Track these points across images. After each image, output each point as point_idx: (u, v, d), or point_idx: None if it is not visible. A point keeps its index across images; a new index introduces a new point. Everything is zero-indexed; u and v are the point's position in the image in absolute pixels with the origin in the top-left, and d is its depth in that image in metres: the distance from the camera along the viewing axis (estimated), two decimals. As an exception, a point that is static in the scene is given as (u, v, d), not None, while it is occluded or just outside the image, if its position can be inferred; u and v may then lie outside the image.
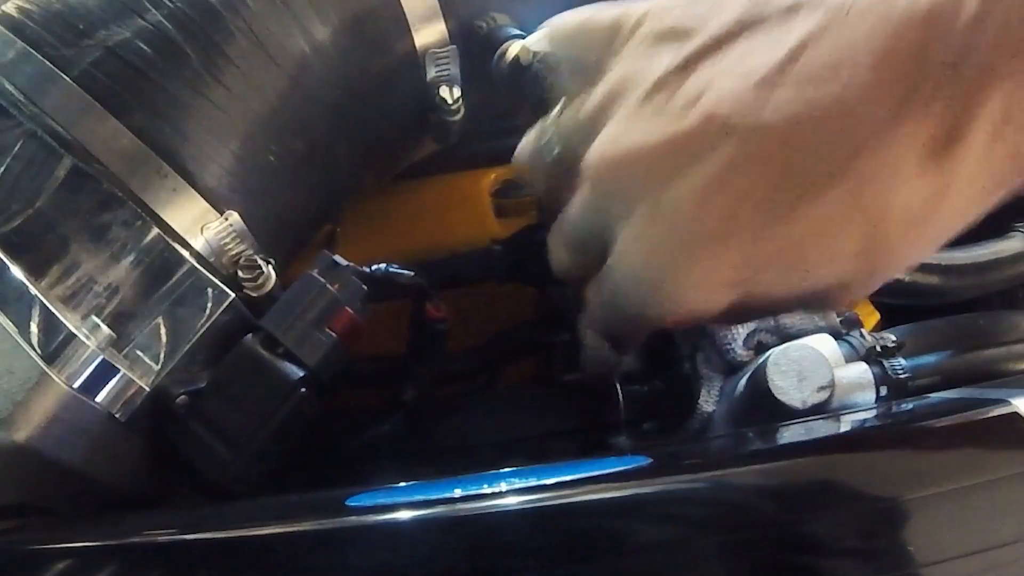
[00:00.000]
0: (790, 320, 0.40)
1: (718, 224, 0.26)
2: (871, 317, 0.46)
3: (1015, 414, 0.27)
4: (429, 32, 0.38)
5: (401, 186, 0.46)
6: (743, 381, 0.37)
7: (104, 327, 0.29)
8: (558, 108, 0.33)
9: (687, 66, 0.27)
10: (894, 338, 0.38)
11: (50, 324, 0.28)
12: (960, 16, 0.23)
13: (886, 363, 0.37)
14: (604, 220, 0.29)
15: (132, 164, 0.31)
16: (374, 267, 0.36)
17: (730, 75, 0.25)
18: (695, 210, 0.26)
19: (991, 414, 0.28)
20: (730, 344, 0.39)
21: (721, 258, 0.27)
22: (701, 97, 0.26)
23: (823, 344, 0.38)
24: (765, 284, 0.28)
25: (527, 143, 0.34)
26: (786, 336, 0.39)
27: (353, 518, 0.25)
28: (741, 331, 0.39)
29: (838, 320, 0.40)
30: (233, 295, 0.31)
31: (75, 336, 0.28)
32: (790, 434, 0.32)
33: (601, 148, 0.29)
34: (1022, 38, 0.22)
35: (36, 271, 0.30)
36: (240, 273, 0.33)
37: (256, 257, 0.33)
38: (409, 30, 0.38)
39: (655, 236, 0.28)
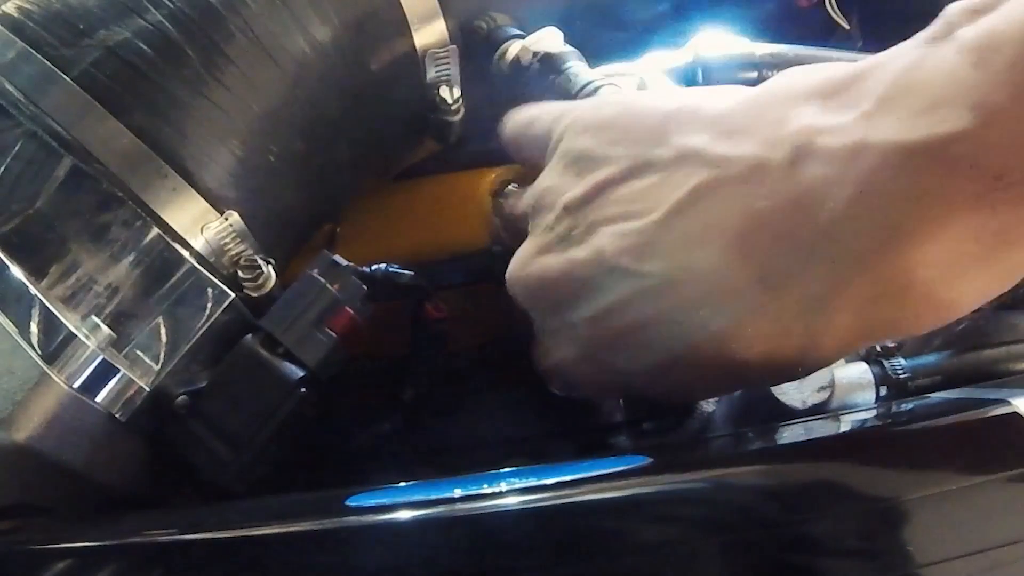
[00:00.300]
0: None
1: (607, 347, 0.29)
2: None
3: (1015, 414, 0.27)
4: (429, 32, 0.38)
5: (401, 186, 0.46)
6: (743, 381, 0.37)
7: (104, 327, 0.29)
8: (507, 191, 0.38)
9: (588, 198, 0.29)
10: (894, 338, 0.38)
11: (50, 324, 0.28)
12: (826, 206, 0.23)
13: (886, 363, 0.37)
14: None
15: (132, 164, 0.31)
16: (374, 267, 0.36)
17: (620, 221, 0.28)
18: (588, 334, 0.29)
19: (991, 414, 0.28)
20: None
21: (609, 376, 0.31)
22: (597, 237, 0.28)
23: (823, 344, 0.38)
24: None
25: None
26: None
27: (353, 518, 0.25)
28: None
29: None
30: (233, 295, 0.31)
31: (75, 336, 0.28)
32: (790, 434, 0.32)
33: (515, 270, 0.32)
34: (887, 238, 0.23)
35: (36, 271, 0.30)
36: (240, 273, 0.33)
37: (256, 257, 0.33)
38: (409, 30, 0.38)
39: (550, 345, 0.32)
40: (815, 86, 0.25)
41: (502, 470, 0.27)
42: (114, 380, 0.29)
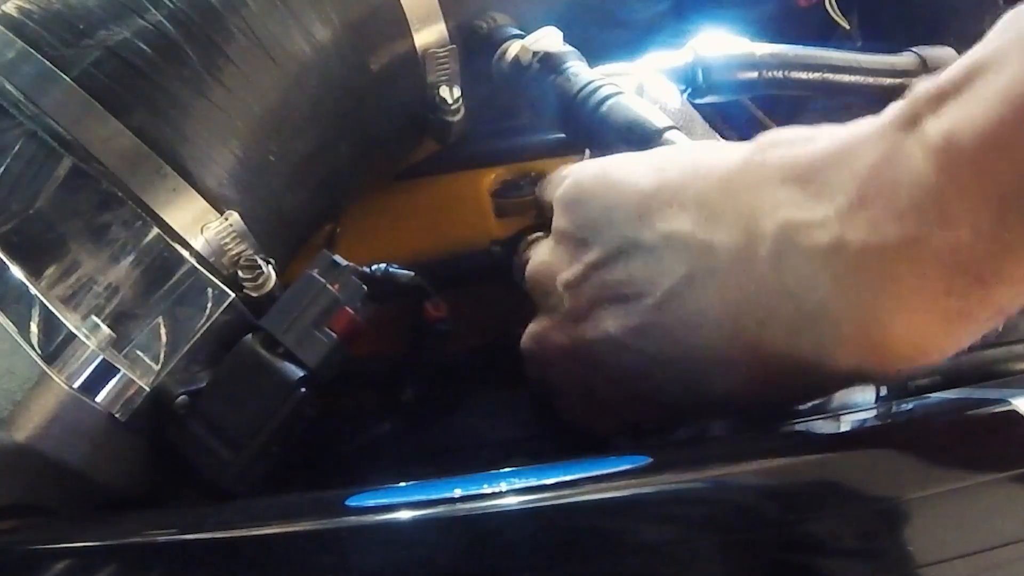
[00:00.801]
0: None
1: (624, 405, 0.33)
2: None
3: (1015, 414, 0.27)
4: (429, 32, 0.38)
5: (401, 186, 0.46)
6: (743, 381, 0.37)
7: (104, 327, 0.29)
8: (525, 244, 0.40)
9: (583, 278, 0.31)
10: (894, 338, 0.38)
11: (50, 324, 0.28)
12: (809, 296, 0.26)
13: (886, 363, 0.37)
14: None
15: (132, 164, 0.31)
16: (374, 267, 0.36)
17: (618, 302, 0.30)
18: (607, 395, 0.33)
19: (991, 414, 0.28)
20: None
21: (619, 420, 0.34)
22: (598, 315, 0.31)
23: (823, 344, 0.38)
24: None
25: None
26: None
27: (353, 518, 0.25)
28: None
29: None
30: (233, 295, 0.31)
31: (75, 336, 0.28)
32: (790, 434, 0.32)
33: (529, 344, 0.35)
34: (865, 324, 0.25)
35: (36, 271, 0.30)
36: (240, 273, 0.33)
37: (256, 257, 0.33)
38: (409, 30, 0.38)
39: (577, 408, 0.36)
40: (789, 171, 0.27)
41: (502, 470, 0.27)
42: (114, 380, 0.29)
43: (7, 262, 0.29)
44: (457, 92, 0.40)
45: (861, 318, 0.25)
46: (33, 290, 0.29)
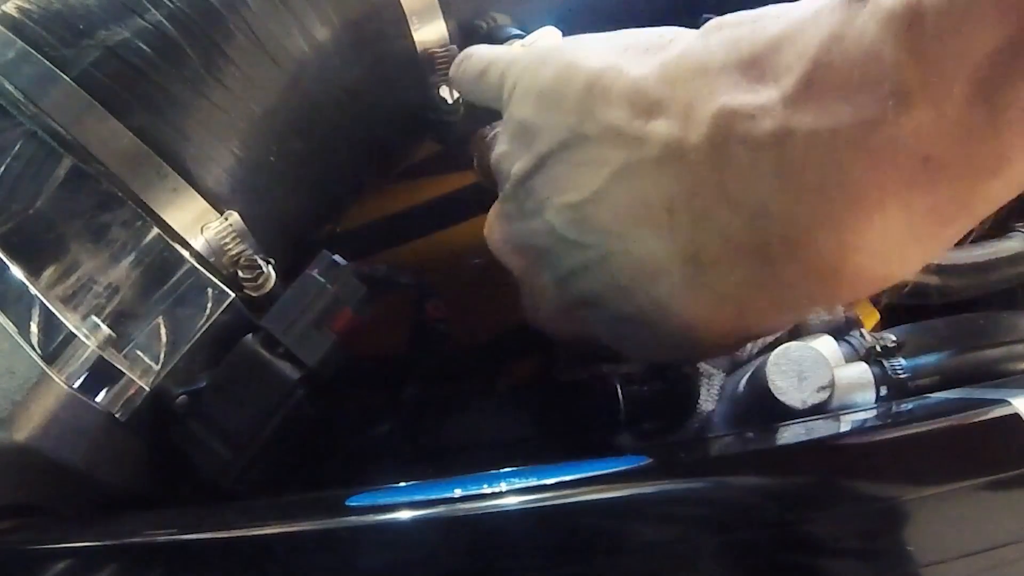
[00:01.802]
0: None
1: (562, 308, 0.32)
2: (871, 317, 0.46)
3: (1015, 414, 0.27)
4: (429, 32, 0.38)
5: (401, 186, 0.46)
6: (743, 380, 0.37)
7: (104, 327, 0.29)
8: (487, 137, 0.38)
9: (533, 170, 0.30)
10: (894, 338, 0.38)
11: (50, 324, 0.28)
12: (750, 192, 0.23)
13: (886, 363, 0.37)
14: None
15: (132, 164, 0.31)
16: (374, 267, 0.36)
17: (562, 195, 0.29)
18: (555, 296, 0.32)
19: (991, 414, 0.28)
20: None
21: (583, 330, 0.32)
22: (545, 208, 0.29)
23: (823, 344, 0.38)
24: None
25: (472, 145, 0.40)
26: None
27: (353, 518, 0.25)
28: None
29: (843, 317, 0.40)
30: (233, 295, 0.31)
31: (75, 336, 0.28)
32: (790, 434, 0.32)
33: (486, 230, 0.34)
34: (815, 227, 0.23)
35: (36, 271, 0.30)
36: (240, 273, 0.33)
37: (256, 257, 0.33)
38: (409, 30, 0.38)
39: (530, 303, 0.34)
40: (732, 56, 0.24)
41: (502, 470, 0.27)
42: (114, 380, 0.29)
43: (7, 262, 0.29)
44: (457, 92, 0.40)
45: (809, 221, 0.22)
46: (33, 290, 0.29)
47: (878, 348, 0.37)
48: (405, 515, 0.25)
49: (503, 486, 0.25)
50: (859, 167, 0.21)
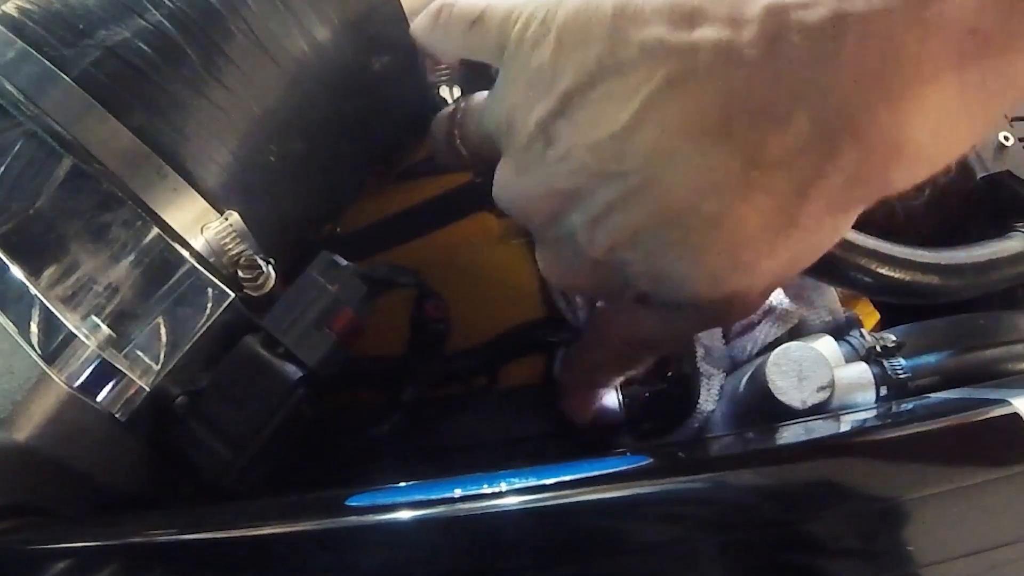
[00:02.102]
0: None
1: (596, 255, 0.30)
2: (871, 317, 0.46)
3: (1015, 414, 0.27)
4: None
5: (401, 186, 0.46)
6: (743, 380, 0.37)
7: (104, 327, 0.29)
8: (465, 104, 0.36)
9: (558, 111, 0.28)
10: (894, 338, 0.38)
11: (50, 324, 0.28)
12: (809, 81, 0.24)
13: (886, 363, 0.37)
14: None
15: (132, 164, 0.31)
16: (374, 267, 0.36)
17: (594, 127, 0.27)
18: (581, 243, 0.30)
19: (991, 414, 0.28)
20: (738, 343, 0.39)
21: (594, 285, 0.31)
22: (574, 149, 0.28)
23: (823, 344, 0.38)
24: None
25: (436, 127, 0.37)
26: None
27: (353, 518, 0.25)
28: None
29: (843, 317, 0.40)
30: (233, 295, 0.31)
31: (75, 336, 0.28)
32: (790, 434, 0.32)
33: (498, 191, 0.32)
34: (874, 106, 0.23)
35: (36, 271, 0.30)
36: (240, 273, 0.33)
37: (256, 257, 0.33)
38: (409, 30, 0.38)
39: (550, 261, 0.33)
40: None
41: (502, 470, 0.27)
42: (114, 380, 0.29)
43: (7, 262, 0.29)
44: (457, 92, 0.40)
45: (870, 101, 0.23)
46: (33, 290, 0.29)
47: (878, 348, 0.37)
48: (405, 515, 0.25)
49: (503, 486, 0.25)
50: (912, 42, 0.22)
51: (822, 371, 0.34)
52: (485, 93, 0.34)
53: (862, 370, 0.36)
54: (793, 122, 0.24)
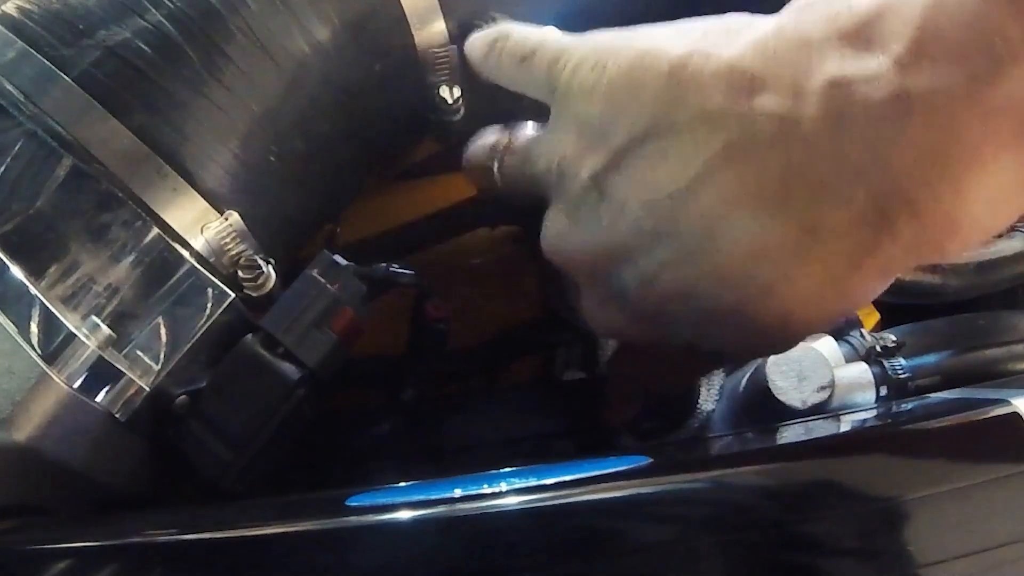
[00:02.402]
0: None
1: (648, 311, 0.29)
2: (871, 317, 0.46)
3: (1015, 414, 0.27)
4: (429, 31, 0.38)
5: (401, 186, 0.46)
6: (743, 380, 0.37)
7: (104, 327, 0.29)
8: (511, 144, 0.35)
9: (611, 166, 0.28)
10: (894, 338, 0.38)
11: (50, 324, 0.28)
12: (870, 158, 0.24)
13: (886, 363, 0.37)
14: None
15: (132, 164, 0.31)
16: (374, 267, 0.36)
17: (650, 187, 0.27)
18: (638, 297, 0.29)
19: (991, 414, 0.28)
20: None
21: (663, 332, 0.31)
22: (629, 207, 0.28)
23: (823, 344, 0.38)
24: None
25: (474, 155, 0.36)
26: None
27: (353, 518, 0.25)
28: None
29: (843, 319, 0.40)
30: (233, 295, 0.31)
31: (75, 336, 0.28)
32: (790, 434, 0.32)
33: (549, 242, 0.32)
34: (935, 184, 0.24)
35: (36, 271, 0.30)
36: (240, 273, 0.33)
37: (256, 257, 0.33)
38: (409, 30, 0.38)
39: (603, 314, 0.32)
40: (832, 28, 0.25)
41: (502, 470, 0.27)
42: (114, 380, 0.29)
43: (7, 262, 0.29)
44: (457, 92, 0.40)
45: (930, 178, 0.23)
46: (33, 290, 0.29)
47: (878, 348, 0.37)
48: (405, 515, 0.25)
49: (503, 486, 0.25)
50: (975, 123, 0.23)
51: (822, 371, 0.34)
52: (530, 128, 0.34)
53: (862, 370, 0.36)
54: (852, 197, 0.24)
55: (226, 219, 0.33)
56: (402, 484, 0.27)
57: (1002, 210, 0.25)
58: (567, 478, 0.26)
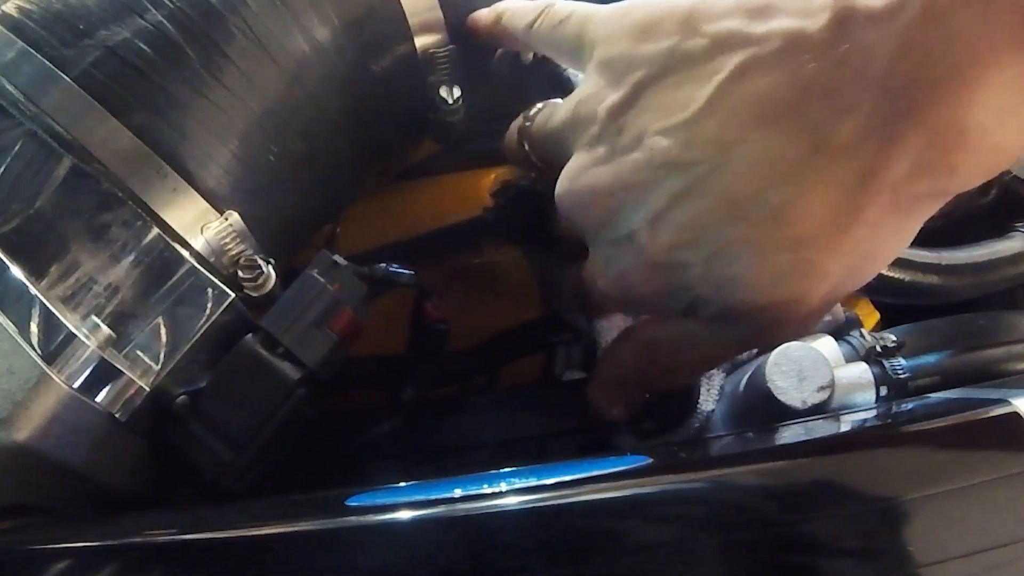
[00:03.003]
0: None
1: (660, 252, 0.29)
2: (871, 317, 0.46)
3: (1015, 414, 0.27)
4: (429, 32, 0.38)
5: (401, 186, 0.46)
6: (743, 380, 0.37)
7: (104, 327, 0.29)
8: (535, 110, 0.37)
9: (629, 101, 0.29)
10: (894, 338, 0.38)
11: (50, 324, 0.28)
12: (874, 65, 0.24)
13: (886, 363, 0.37)
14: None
15: (132, 164, 0.31)
16: (374, 267, 0.36)
17: (665, 117, 0.28)
18: (644, 239, 0.30)
19: (991, 414, 0.28)
20: None
21: (660, 286, 0.31)
22: (643, 137, 0.29)
23: (823, 344, 0.38)
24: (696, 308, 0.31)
25: (511, 133, 0.38)
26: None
27: (353, 518, 0.25)
28: None
29: (843, 317, 0.40)
30: (233, 295, 0.31)
31: (75, 336, 0.28)
32: (790, 434, 0.32)
33: (563, 185, 0.32)
34: (937, 88, 0.24)
35: (36, 271, 0.30)
36: (240, 273, 0.33)
37: (256, 257, 0.33)
38: (409, 30, 0.38)
39: (609, 260, 0.32)
40: None
41: (502, 470, 0.27)
42: (114, 380, 0.29)
43: (7, 262, 0.29)
44: (457, 92, 0.40)
45: (934, 82, 0.24)
46: (33, 290, 0.29)
47: (878, 348, 0.37)
48: (405, 515, 0.25)
49: (503, 486, 0.25)
50: (973, 23, 0.23)
51: (822, 371, 0.34)
52: (554, 100, 0.36)
53: (862, 370, 0.36)
54: (858, 106, 0.25)
55: (226, 219, 0.33)
56: (402, 484, 0.27)
57: (1011, 123, 0.25)
58: (567, 478, 0.26)
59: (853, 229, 0.27)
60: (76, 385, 0.28)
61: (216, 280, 0.31)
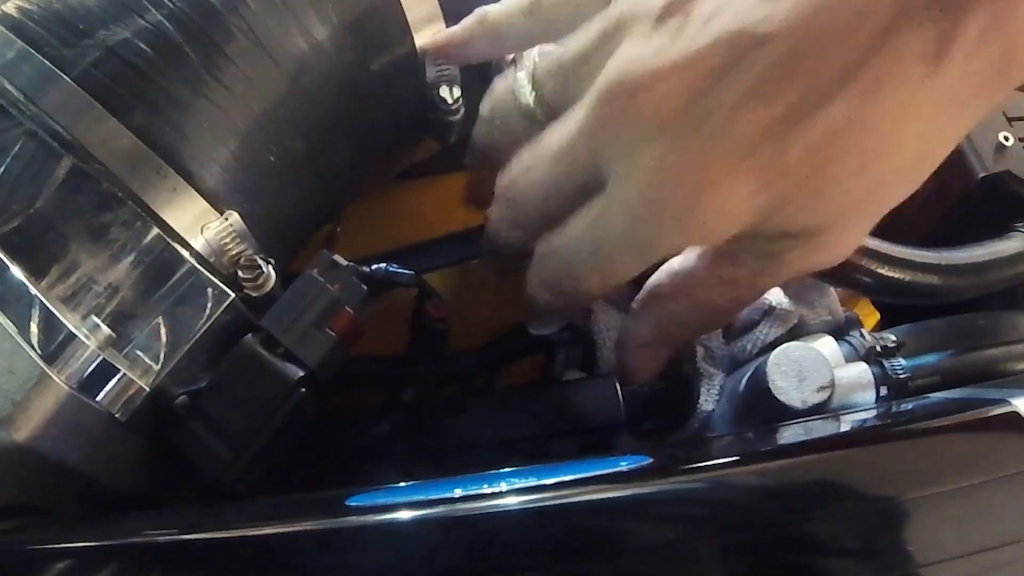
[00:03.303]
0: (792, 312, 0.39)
1: (746, 140, 0.26)
2: (871, 317, 0.46)
3: (1015, 414, 0.27)
4: (429, 32, 0.38)
5: (401, 186, 0.46)
6: (743, 380, 0.37)
7: (104, 327, 0.29)
8: (533, 54, 0.35)
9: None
10: (894, 338, 0.38)
11: (50, 324, 0.28)
12: None
13: (886, 363, 0.37)
14: (599, 153, 0.30)
15: (132, 164, 0.31)
16: (374, 267, 0.36)
17: None
18: (725, 125, 0.26)
19: (991, 414, 0.28)
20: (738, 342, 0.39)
21: (748, 176, 0.27)
22: (715, 16, 0.26)
23: (823, 344, 0.38)
24: (778, 212, 0.28)
25: (493, 94, 0.36)
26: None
27: (353, 518, 0.25)
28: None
29: (843, 317, 0.40)
30: (233, 295, 0.31)
31: (75, 336, 0.28)
32: (790, 434, 0.32)
33: (622, 69, 0.28)
34: None
35: (36, 271, 0.30)
36: (240, 273, 0.33)
37: (256, 257, 0.33)
38: (409, 30, 0.38)
39: (680, 158, 0.28)
40: None
41: (502, 470, 0.27)
42: (114, 380, 0.29)
43: (7, 262, 0.29)
44: (457, 92, 0.40)
45: None
46: (33, 290, 0.29)
47: (878, 348, 0.37)
48: (405, 515, 0.25)
49: (503, 486, 0.25)
50: None
51: (822, 371, 0.34)
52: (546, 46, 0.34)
53: (862, 370, 0.36)
54: None
55: (226, 219, 0.33)
56: (402, 484, 0.27)
57: (911, 148, 0.25)
58: (567, 478, 0.26)
59: (923, 102, 0.26)
60: (76, 385, 0.28)
61: (216, 280, 0.31)
